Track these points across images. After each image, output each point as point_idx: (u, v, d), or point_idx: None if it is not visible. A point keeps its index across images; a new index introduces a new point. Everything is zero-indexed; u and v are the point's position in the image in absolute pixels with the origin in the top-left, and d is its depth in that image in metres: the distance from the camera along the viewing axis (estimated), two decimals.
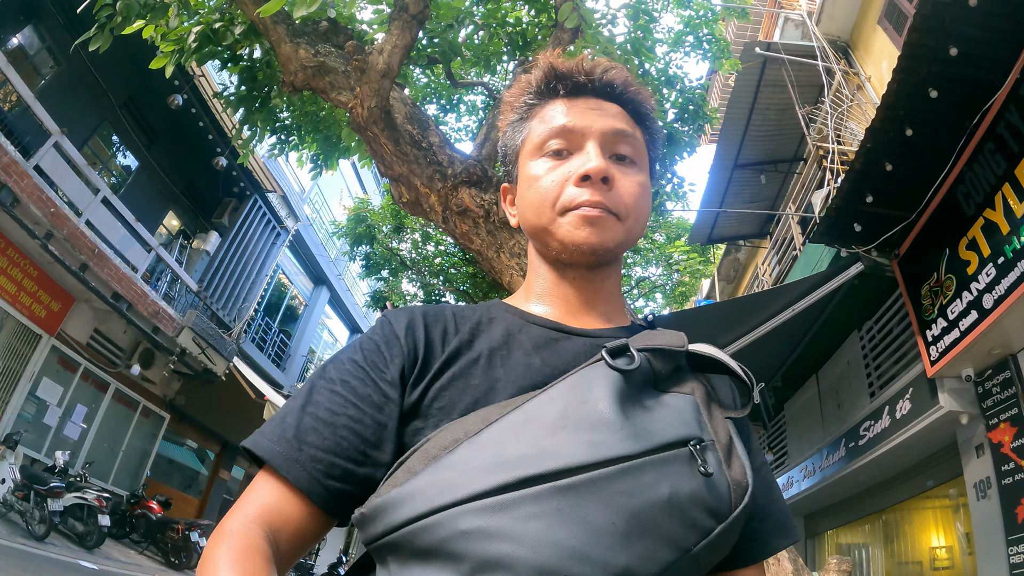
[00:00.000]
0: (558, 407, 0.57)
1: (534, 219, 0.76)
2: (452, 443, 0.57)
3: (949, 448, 4.66)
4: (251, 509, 0.60)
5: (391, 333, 0.71)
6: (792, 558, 2.15)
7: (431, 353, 0.69)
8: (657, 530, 0.52)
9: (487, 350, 0.69)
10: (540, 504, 0.51)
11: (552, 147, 0.76)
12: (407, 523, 0.53)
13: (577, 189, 0.72)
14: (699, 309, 7.08)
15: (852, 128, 7.07)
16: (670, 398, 0.64)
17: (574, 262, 0.75)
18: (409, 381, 0.67)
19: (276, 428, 0.63)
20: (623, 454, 0.54)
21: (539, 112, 0.80)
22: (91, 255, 8.73)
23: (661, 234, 12.25)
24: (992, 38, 3.41)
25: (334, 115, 4.78)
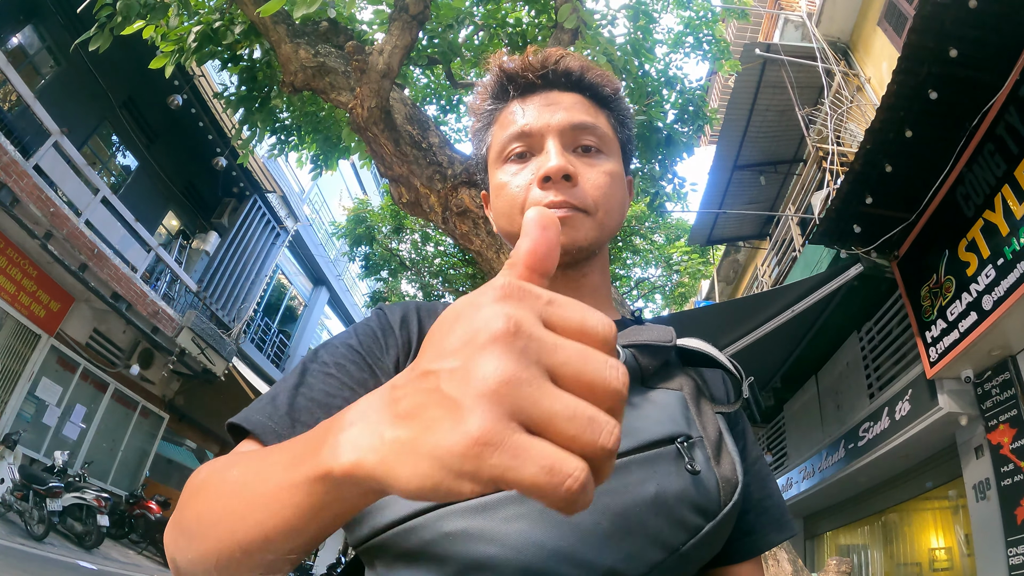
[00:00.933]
0: None
1: (507, 226, 0.76)
2: None
3: (948, 449, 4.66)
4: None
5: (387, 323, 0.70)
6: (791, 559, 2.15)
7: (398, 350, 0.68)
8: (644, 529, 0.52)
9: None
10: (523, 505, 0.50)
11: (514, 151, 0.75)
12: (392, 526, 0.52)
13: (541, 191, 0.71)
14: (699, 310, 7.08)
15: (852, 129, 7.07)
16: (657, 394, 0.64)
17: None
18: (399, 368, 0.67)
19: (267, 406, 0.60)
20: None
21: (498, 117, 0.79)
22: (90, 255, 8.73)
23: (661, 235, 12.25)
24: (992, 39, 3.41)
25: (334, 115, 4.78)
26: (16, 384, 8.53)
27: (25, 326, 8.58)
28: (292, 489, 0.36)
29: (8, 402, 8.37)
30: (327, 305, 18.60)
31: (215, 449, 14.41)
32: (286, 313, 16.67)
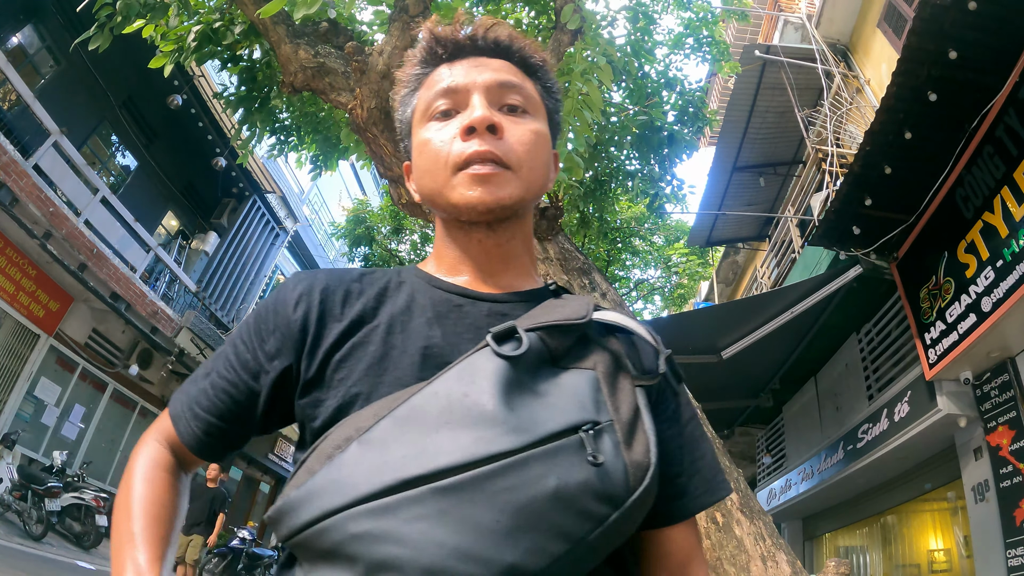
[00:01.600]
0: (441, 402, 0.56)
1: (430, 184, 0.74)
2: (344, 441, 0.56)
3: (947, 451, 4.66)
4: (162, 430, 0.74)
5: (283, 301, 0.72)
6: (790, 560, 2.15)
7: (328, 321, 0.69)
8: (545, 524, 0.52)
9: (388, 317, 0.69)
10: (423, 506, 0.51)
11: (439, 108, 0.75)
12: (306, 526, 0.53)
13: (465, 143, 0.70)
14: (698, 312, 7.08)
15: (851, 131, 7.07)
16: (567, 377, 0.62)
17: (474, 221, 0.73)
18: (303, 352, 0.67)
19: (188, 385, 0.75)
20: (505, 449, 0.53)
21: (425, 80, 0.79)
22: (90, 255, 8.72)
23: (660, 236, 12.26)
24: (991, 41, 3.42)
25: (334, 116, 4.78)
26: (15, 384, 8.52)
27: (24, 326, 8.57)
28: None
29: (7, 402, 8.36)
30: None
31: None
32: None
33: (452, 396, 0.56)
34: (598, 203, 6.69)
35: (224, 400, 0.71)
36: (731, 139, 8.82)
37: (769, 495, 7.35)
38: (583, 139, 2.66)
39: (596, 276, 2.73)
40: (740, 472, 2.38)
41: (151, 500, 0.68)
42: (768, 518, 2.28)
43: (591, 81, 2.72)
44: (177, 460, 0.74)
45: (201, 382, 0.74)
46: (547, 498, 0.52)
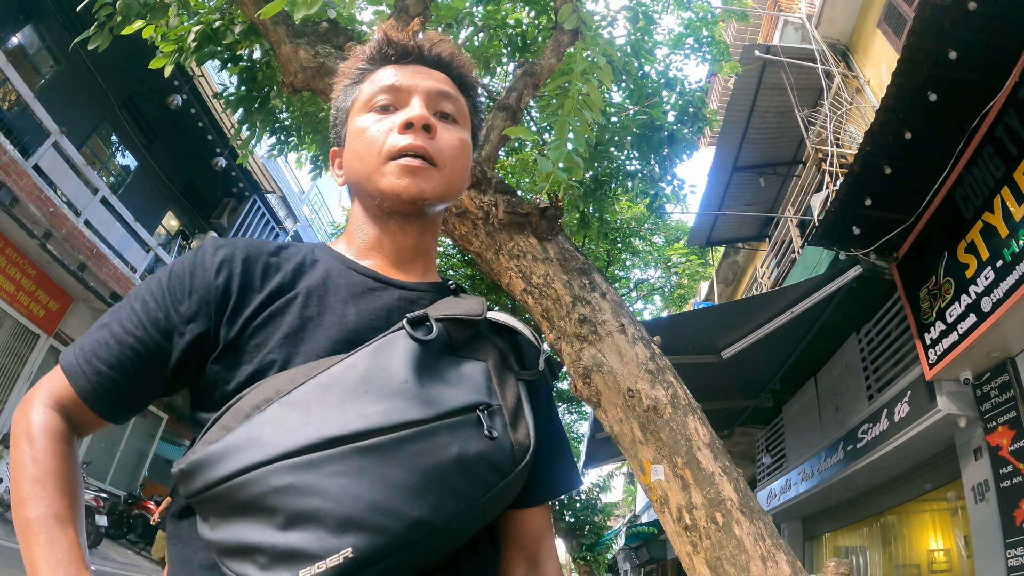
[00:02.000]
0: (360, 372, 0.62)
1: (360, 168, 0.79)
2: (263, 402, 0.60)
3: (947, 451, 4.66)
4: (52, 393, 0.69)
5: (203, 265, 0.73)
6: (790, 560, 2.15)
7: (248, 290, 0.72)
8: (447, 485, 0.59)
9: (305, 290, 0.73)
10: (344, 463, 0.56)
11: (379, 102, 0.81)
12: (224, 479, 0.56)
13: (400, 136, 0.77)
14: (698, 312, 7.08)
15: (851, 131, 7.08)
16: (465, 365, 0.69)
17: (396, 210, 0.79)
18: (223, 318, 0.70)
19: (84, 339, 0.71)
20: (417, 418, 0.60)
21: (370, 76, 0.85)
22: (90, 255, 8.73)
23: (660, 236, 12.25)
24: (991, 42, 3.42)
25: None
26: (15, 384, 8.53)
27: (24, 326, 8.57)
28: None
29: (7, 402, 8.36)
30: None
31: None
32: None
33: (371, 369, 0.62)
34: (598, 203, 6.69)
35: (129, 356, 0.69)
36: (731, 139, 8.82)
37: (769, 495, 7.35)
38: (583, 139, 2.66)
39: (596, 276, 2.73)
40: (740, 472, 2.38)
41: (67, 479, 0.65)
42: (768, 518, 2.28)
43: (591, 81, 2.72)
44: (70, 427, 0.69)
45: (98, 334, 0.71)
46: (450, 463, 0.60)
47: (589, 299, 2.63)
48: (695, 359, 5.55)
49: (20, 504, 0.62)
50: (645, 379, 2.48)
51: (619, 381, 2.48)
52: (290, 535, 0.54)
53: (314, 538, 0.53)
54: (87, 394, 0.69)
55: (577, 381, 2.59)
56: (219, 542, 0.57)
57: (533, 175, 6.77)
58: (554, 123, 2.65)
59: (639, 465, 2.44)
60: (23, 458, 0.64)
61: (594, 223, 7.75)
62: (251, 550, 0.55)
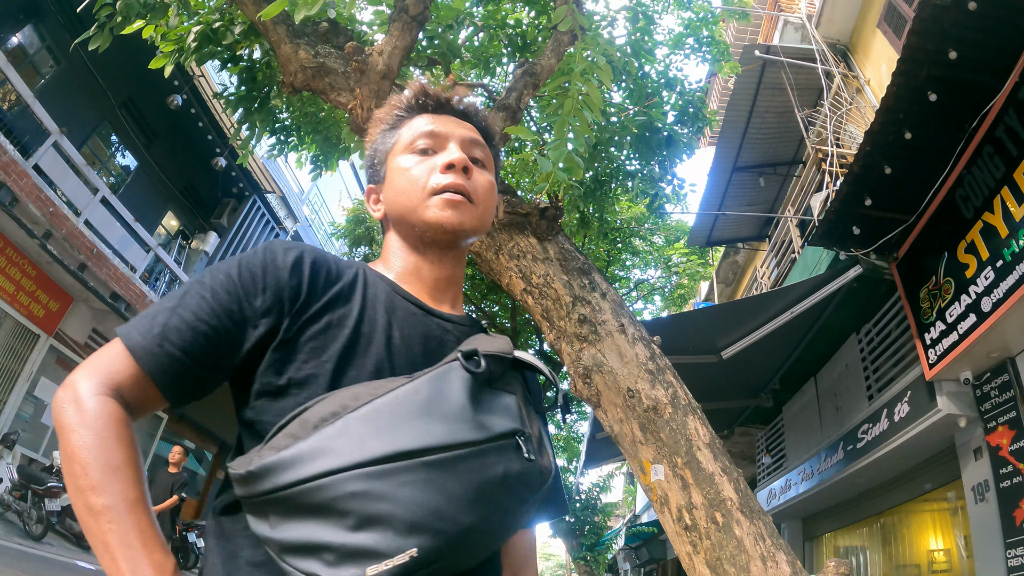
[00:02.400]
0: (424, 396, 0.69)
1: (405, 202, 0.90)
2: (331, 416, 0.66)
3: (947, 451, 4.66)
4: (112, 378, 0.70)
5: (274, 263, 0.79)
6: (790, 560, 2.15)
7: (313, 294, 0.79)
8: (492, 499, 0.67)
9: (360, 307, 0.81)
10: (413, 474, 0.63)
11: (420, 146, 0.92)
12: (298, 483, 0.62)
13: (442, 175, 0.88)
14: (698, 312, 7.08)
15: (851, 131, 7.08)
16: (501, 396, 0.77)
17: (436, 240, 0.90)
18: (288, 313, 0.76)
19: (146, 322, 0.73)
20: (472, 439, 0.68)
21: (408, 122, 0.96)
22: (90, 255, 8.73)
23: (660, 236, 12.25)
24: (991, 42, 3.42)
25: (334, 116, 4.78)
26: (15, 384, 8.52)
27: (24, 326, 8.57)
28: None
29: (7, 402, 8.36)
30: None
31: (213, 449, 14.40)
32: None
33: (433, 394, 0.70)
34: (598, 203, 6.69)
35: (200, 343, 0.73)
36: (731, 139, 8.82)
37: (769, 495, 7.35)
38: (583, 139, 2.66)
39: (596, 276, 2.73)
40: (740, 472, 2.38)
41: (136, 466, 0.68)
42: (768, 518, 2.28)
43: (591, 81, 2.72)
44: (128, 412, 0.71)
45: (165, 318, 0.73)
46: (496, 480, 0.68)
47: (589, 299, 2.63)
48: (695, 359, 5.55)
49: (91, 490, 0.64)
50: (645, 379, 2.48)
51: (619, 381, 2.48)
52: (360, 535, 0.60)
53: (383, 539, 0.60)
54: (158, 376, 0.72)
55: (577, 381, 2.59)
56: (282, 540, 0.63)
57: (533, 175, 6.77)
58: (554, 123, 2.65)
59: (639, 465, 2.44)
60: (86, 444, 0.66)
61: (594, 223, 7.75)
62: (319, 548, 0.61)
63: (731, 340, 5.52)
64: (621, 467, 19.08)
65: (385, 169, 0.95)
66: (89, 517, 0.65)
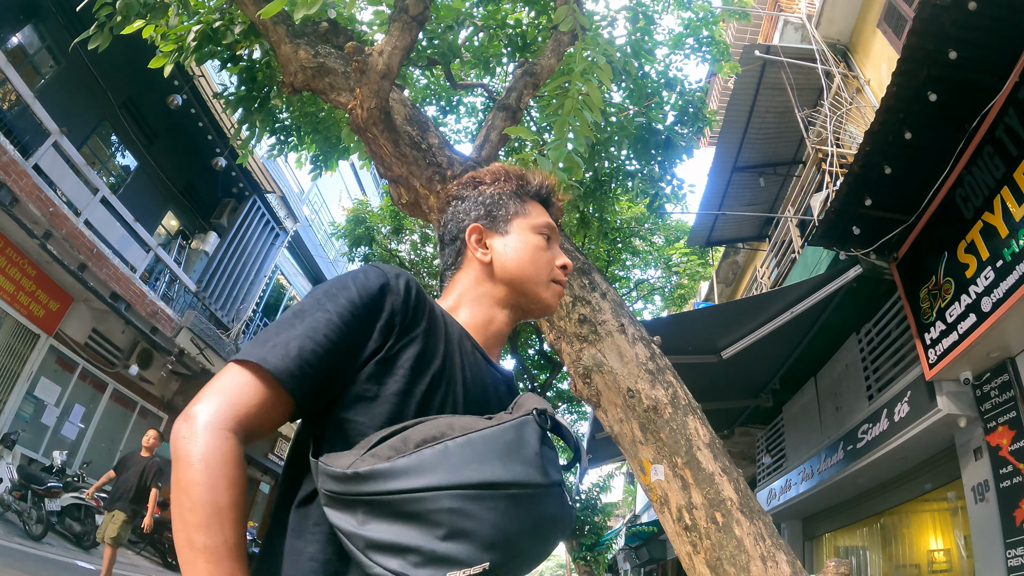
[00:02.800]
0: (510, 439, 0.79)
1: (531, 274, 1.07)
2: (432, 439, 0.76)
3: (947, 451, 4.66)
4: (237, 410, 0.76)
5: (390, 288, 0.88)
6: (790, 560, 2.15)
7: (416, 320, 0.88)
8: (542, 533, 0.79)
9: (445, 342, 0.92)
10: (498, 502, 0.73)
11: (544, 232, 1.11)
12: (402, 492, 0.71)
13: (559, 272, 1.10)
14: (698, 312, 7.08)
15: (851, 131, 7.08)
16: (551, 450, 0.87)
17: (533, 312, 1.09)
18: (395, 334, 0.86)
19: (280, 348, 0.79)
20: (540, 483, 0.78)
21: (532, 203, 1.13)
22: (90, 255, 8.73)
23: (660, 236, 12.25)
24: (991, 42, 3.42)
25: (333, 116, 4.78)
26: (15, 384, 8.52)
27: (24, 326, 8.57)
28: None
29: (7, 402, 8.36)
30: None
31: None
32: None
33: (516, 439, 0.80)
34: (598, 203, 6.69)
35: (334, 364, 0.82)
36: (731, 139, 8.82)
37: (769, 495, 7.35)
38: (583, 139, 2.66)
39: (596, 276, 2.73)
40: (740, 472, 2.38)
41: (242, 511, 0.73)
42: (768, 518, 2.28)
43: (591, 81, 2.72)
44: (245, 442, 0.77)
45: (300, 343, 0.80)
46: (548, 518, 0.79)
47: (589, 299, 2.63)
48: (695, 359, 5.55)
49: (196, 528, 0.70)
50: (645, 379, 2.48)
51: (619, 381, 2.48)
52: (447, 545, 0.70)
53: (466, 550, 0.70)
54: (300, 395, 0.79)
55: (577, 381, 2.59)
56: (370, 537, 0.71)
57: None
58: (554, 123, 2.65)
59: (639, 465, 2.44)
60: (199, 482, 0.71)
61: (594, 223, 7.75)
62: (407, 550, 0.70)
63: (731, 340, 5.52)
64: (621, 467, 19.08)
65: (509, 227, 1.09)
66: (188, 551, 0.69)
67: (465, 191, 1.14)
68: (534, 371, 13.09)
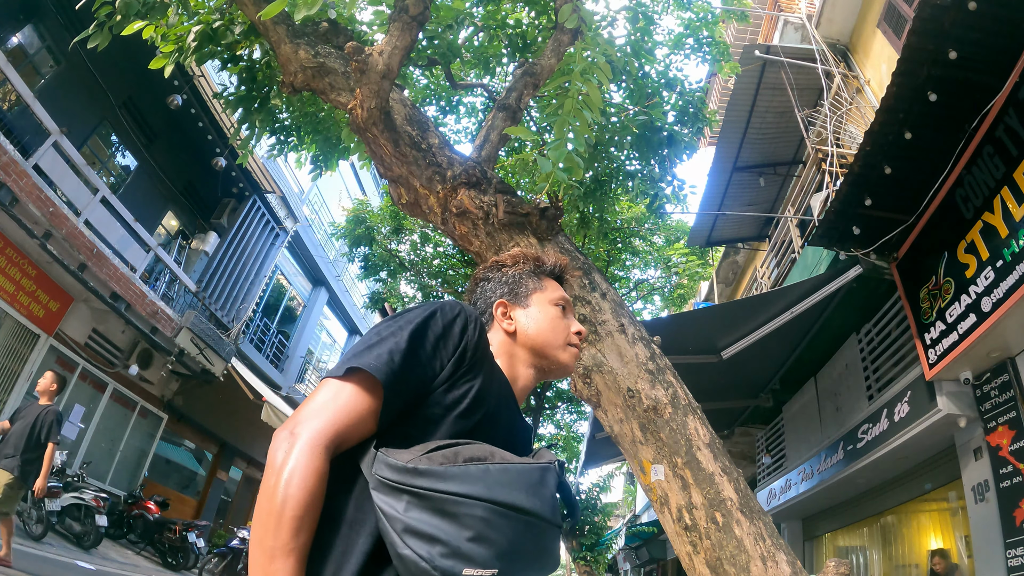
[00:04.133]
0: (536, 477, 0.93)
1: (551, 340, 1.21)
2: (478, 459, 0.89)
3: (947, 451, 4.66)
4: (337, 425, 0.89)
5: (466, 327, 1.03)
6: (790, 560, 2.15)
7: (481, 359, 1.04)
8: (540, 560, 0.91)
9: (496, 384, 1.07)
10: (517, 523, 0.86)
11: (561, 304, 1.26)
12: (449, 493, 0.84)
13: (575, 337, 1.24)
14: (698, 312, 7.08)
15: (851, 131, 7.08)
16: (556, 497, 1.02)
17: (553, 373, 1.23)
18: (464, 366, 1.00)
19: (387, 363, 0.93)
20: (550, 518, 0.91)
21: (547, 280, 1.29)
22: (90, 255, 8.73)
23: (660, 236, 12.24)
24: (991, 41, 3.42)
25: (333, 116, 4.78)
26: (15, 384, 8.52)
27: (24, 326, 8.57)
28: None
29: (7, 402, 8.36)
30: (326, 306, 18.59)
31: (213, 449, 14.40)
32: (285, 314, 16.65)
33: (539, 478, 0.93)
34: (598, 203, 6.69)
35: (418, 388, 0.96)
36: (731, 139, 8.82)
37: (769, 495, 7.35)
38: (583, 139, 2.66)
39: (596, 276, 2.73)
40: (740, 472, 2.38)
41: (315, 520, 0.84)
42: (768, 518, 2.28)
43: (591, 81, 2.72)
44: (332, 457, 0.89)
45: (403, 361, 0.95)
46: (546, 550, 0.92)
47: (589, 299, 2.63)
48: (695, 359, 5.55)
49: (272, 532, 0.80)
50: (645, 379, 2.48)
51: (619, 381, 2.48)
52: (471, 546, 0.82)
53: (484, 554, 0.82)
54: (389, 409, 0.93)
55: (577, 381, 2.59)
56: (408, 523, 0.83)
57: (533, 175, 6.77)
58: (554, 123, 2.65)
59: (639, 465, 2.44)
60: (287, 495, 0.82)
61: (594, 223, 7.75)
62: (437, 540, 0.81)
63: (731, 340, 5.52)
64: (621, 467, 19.08)
65: (529, 302, 1.24)
66: (258, 549, 0.80)
67: (490, 273, 1.29)
68: None
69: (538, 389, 12.82)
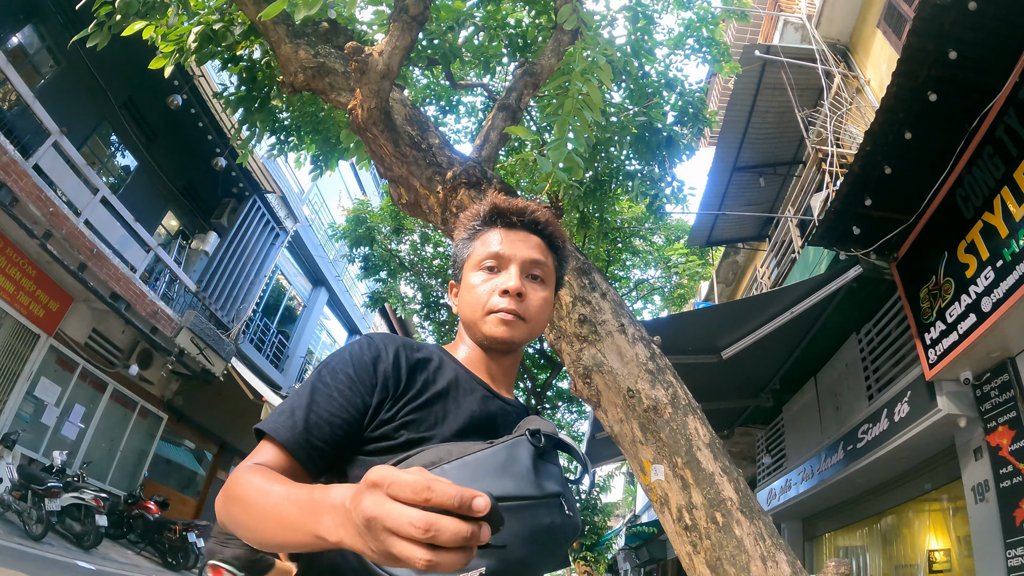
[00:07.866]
0: (502, 459, 0.89)
1: (469, 314, 1.08)
2: (431, 464, 0.86)
3: (947, 451, 4.66)
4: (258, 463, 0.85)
5: (380, 358, 0.97)
6: (790, 560, 2.15)
7: (412, 382, 0.97)
8: (540, 541, 0.87)
9: (445, 386, 1.00)
10: (511, 531, 0.81)
11: (487, 264, 1.09)
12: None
13: (499, 298, 1.06)
14: (698, 312, 7.08)
15: (851, 131, 7.08)
16: (551, 465, 0.99)
17: (492, 347, 1.09)
18: (389, 397, 0.94)
19: (288, 420, 0.90)
20: (532, 495, 0.88)
21: (482, 236, 1.12)
22: (90, 255, 8.73)
23: (660, 236, 12.24)
24: (991, 41, 3.42)
25: (333, 116, 4.78)
26: (15, 384, 8.53)
27: (24, 326, 8.57)
28: (299, 533, 0.69)
29: (7, 402, 8.36)
30: (326, 306, 18.58)
31: (213, 449, 14.40)
32: (285, 314, 16.65)
33: (508, 458, 0.90)
34: (598, 203, 6.69)
35: (337, 435, 0.91)
36: (731, 139, 8.82)
37: (769, 495, 7.35)
38: (583, 139, 2.66)
39: (596, 276, 2.73)
40: (740, 472, 2.38)
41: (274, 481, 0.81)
42: (768, 518, 2.28)
43: (591, 81, 2.72)
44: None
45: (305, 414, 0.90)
46: (545, 527, 0.89)
47: (589, 299, 2.63)
48: (695, 359, 5.55)
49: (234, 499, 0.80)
50: (645, 379, 2.48)
51: (619, 381, 2.48)
52: None
53: None
54: (306, 463, 0.89)
55: (577, 381, 2.59)
56: None
57: (533, 175, 6.77)
58: (554, 123, 2.65)
59: (639, 465, 2.44)
60: (235, 479, 0.82)
61: (594, 223, 7.75)
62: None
63: (731, 340, 5.52)
64: (621, 467, 19.08)
65: (462, 275, 1.14)
66: (241, 512, 0.78)
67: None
68: (534, 371, 13.10)
69: (538, 389, 12.82)
